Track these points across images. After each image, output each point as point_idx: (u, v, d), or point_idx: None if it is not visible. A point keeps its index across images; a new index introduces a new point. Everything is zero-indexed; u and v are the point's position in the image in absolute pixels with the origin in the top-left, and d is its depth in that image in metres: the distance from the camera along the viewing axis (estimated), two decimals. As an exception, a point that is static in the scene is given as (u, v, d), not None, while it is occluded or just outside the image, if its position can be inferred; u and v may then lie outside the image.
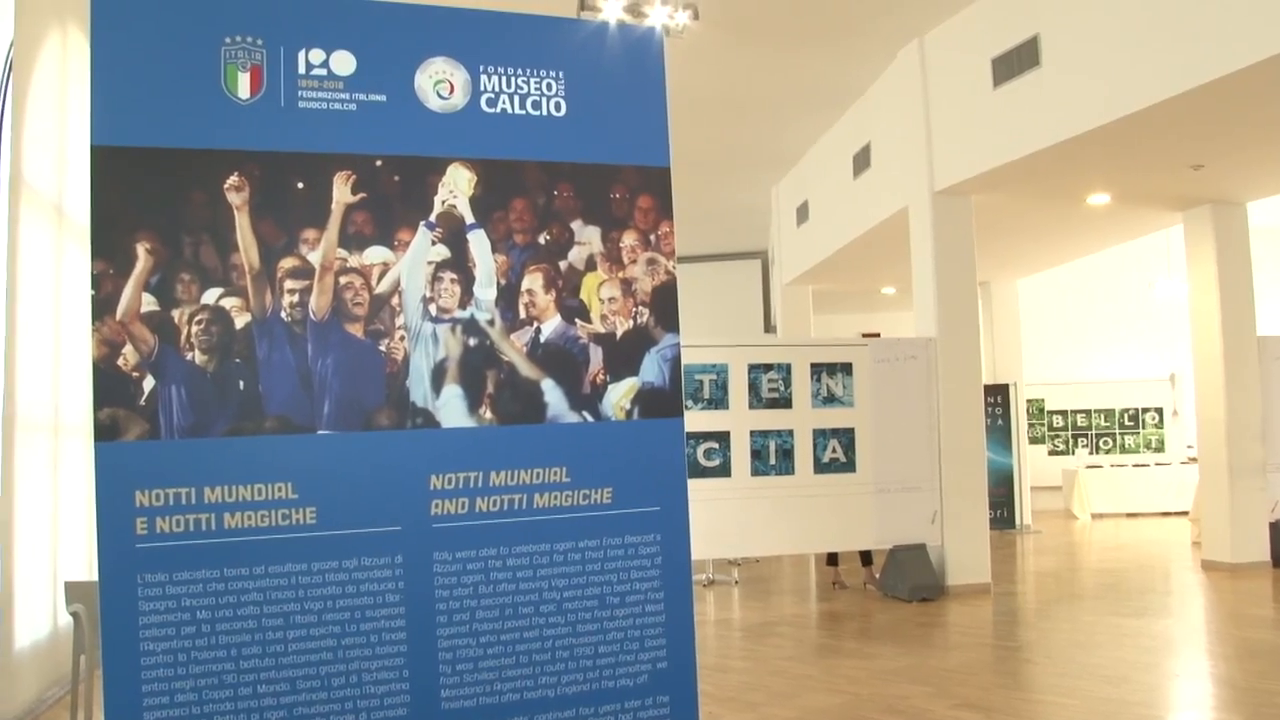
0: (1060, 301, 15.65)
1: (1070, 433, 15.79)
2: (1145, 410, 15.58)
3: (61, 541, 5.87)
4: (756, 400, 8.44)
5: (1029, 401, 14.78)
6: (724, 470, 8.29)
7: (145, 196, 2.79)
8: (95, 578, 5.79)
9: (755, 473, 8.35)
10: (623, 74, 3.27)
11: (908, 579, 8.39)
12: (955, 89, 8.57)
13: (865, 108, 10.30)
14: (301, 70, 2.94)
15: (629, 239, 3.23)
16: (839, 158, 11.11)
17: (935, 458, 8.64)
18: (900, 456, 8.58)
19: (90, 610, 5.11)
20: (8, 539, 5.12)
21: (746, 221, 15.16)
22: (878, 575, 8.94)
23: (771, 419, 8.45)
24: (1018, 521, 12.97)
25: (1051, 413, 15.78)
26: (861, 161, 10.51)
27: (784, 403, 8.49)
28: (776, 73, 9.42)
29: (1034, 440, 15.28)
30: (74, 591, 5.38)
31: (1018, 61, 7.71)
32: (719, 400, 8.38)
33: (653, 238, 3.26)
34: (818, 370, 8.59)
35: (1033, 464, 14.19)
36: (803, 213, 12.67)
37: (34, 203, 5.44)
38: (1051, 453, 15.65)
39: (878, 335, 13.23)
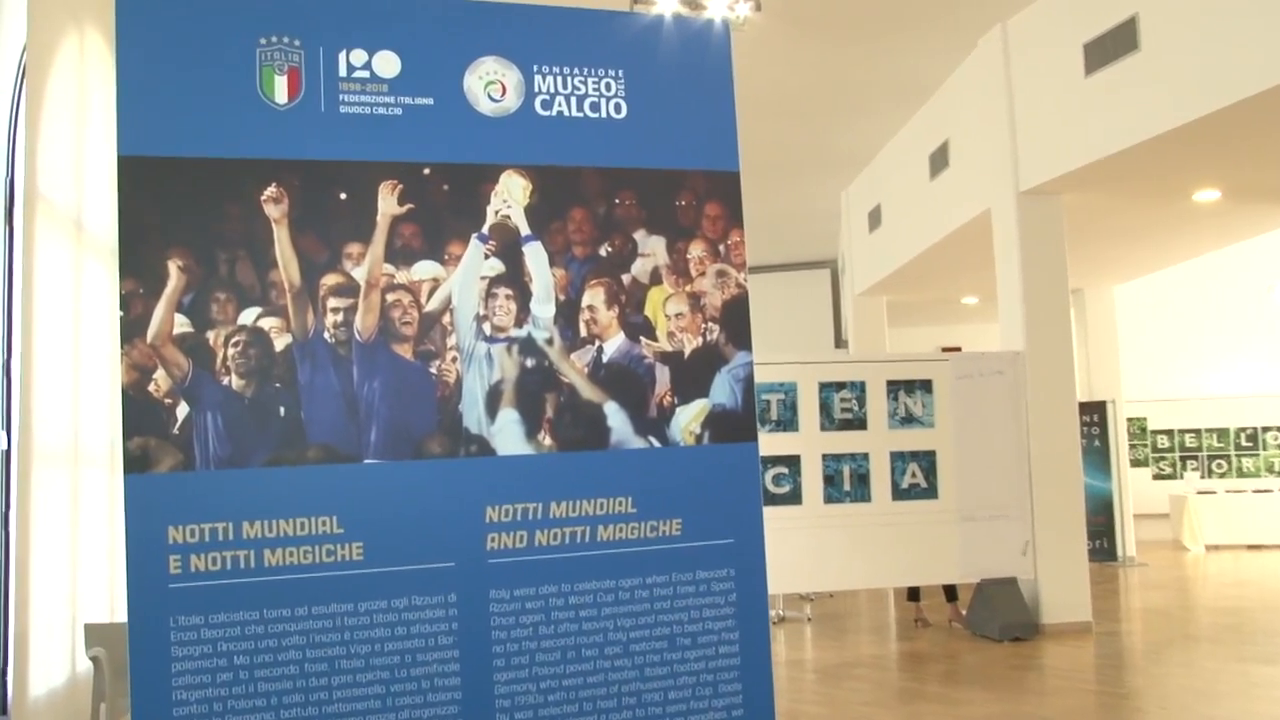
0: (1163, 310, 15.42)
1: (1178, 455, 15.53)
2: (1266, 429, 15.26)
3: (81, 580, 5.98)
4: (828, 421, 8.42)
5: (1129, 420, 14.58)
6: (794, 497, 8.27)
7: (177, 210, 2.85)
8: (117, 619, 5.88)
9: (828, 500, 8.32)
10: (687, 71, 3.30)
11: (998, 616, 8.30)
12: (1043, 78, 8.51)
13: (942, 102, 10.26)
14: (342, 72, 3.00)
15: (696, 250, 3.25)
16: (914, 157, 11.08)
17: (1026, 483, 8.55)
18: (987, 482, 8.51)
19: (112, 655, 5.19)
20: (24, 578, 5.22)
21: (814, 228, 15.16)
22: (964, 612, 8.86)
23: (845, 441, 8.42)
24: (1120, 553, 12.78)
25: (1155, 432, 15.54)
26: (939, 161, 10.47)
27: (858, 424, 8.46)
28: (845, 67, 9.42)
29: (1136, 463, 15.05)
30: (94, 635, 5.48)
31: (1113, 45, 7.65)
32: (788, 422, 8.38)
33: (722, 248, 3.28)
34: (894, 388, 8.55)
35: (1135, 489, 13.97)
36: (875, 218, 12.64)
37: (51, 217, 5.56)
38: (1157, 476, 15.41)
39: (959, 349, 13.14)
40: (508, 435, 3.02)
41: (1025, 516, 8.53)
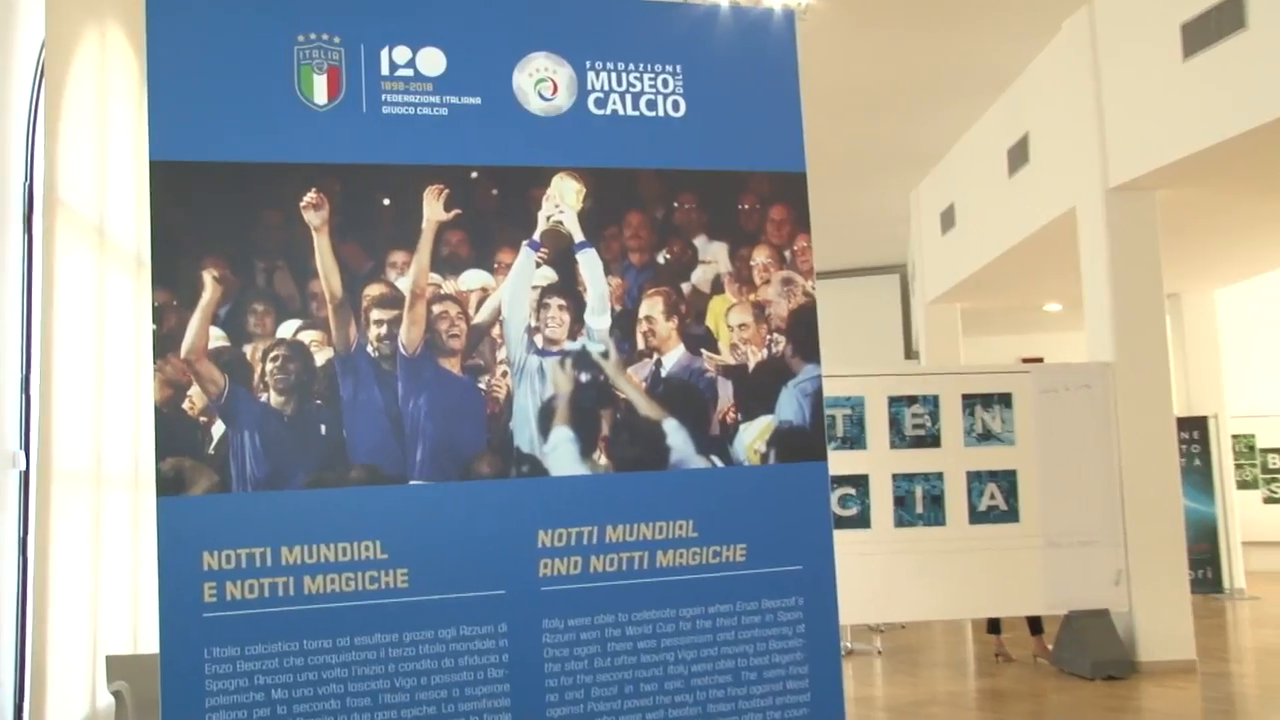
0: (1270, 316, 15.22)
1: (1291, 475, 15.30)
2: (1397, 448, 14.99)
3: (103, 609, 6.09)
4: (899, 438, 8.42)
5: (1235, 438, 14.39)
6: (862, 520, 8.27)
7: (211, 218, 2.94)
8: (141, 651, 5.98)
9: (899, 523, 8.32)
10: (749, 64, 3.36)
11: (1088, 652, 8.24)
12: (1134, 64, 8.47)
13: (1021, 93, 10.23)
14: (385, 71, 3.08)
15: (761, 256, 3.31)
16: (991, 153, 11.04)
17: (1117, 506, 8.49)
18: (1074, 504, 8.46)
19: (135, 689, 5.29)
20: (42, 606, 5.33)
21: (881, 231, 15.13)
22: (1050, 647, 8.80)
23: (917, 460, 8.41)
24: (1226, 584, 12.62)
25: (1266, 451, 15.31)
26: (1018, 156, 10.43)
27: (931, 441, 8.45)
28: (915, 56, 9.42)
29: (1243, 485, 14.83)
30: (117, 667, 5.58)
31: (1216, 25, 7.60)
32: (855, 439, 8.39)
33: (788, 254, 3.34)
34: (970, 402, 8.54)
35: (1243, 514, 13.79)
36: (948, 219, 12.60)
37: (72, 224, 5.68)
38: (1268, 500, 15.16)
39: (1041, 360, 13.06)
40: (561, 455, 3.09)
41: (1117, 543, 8.46)
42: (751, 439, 3.24)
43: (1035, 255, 10.89)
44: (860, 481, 8.32)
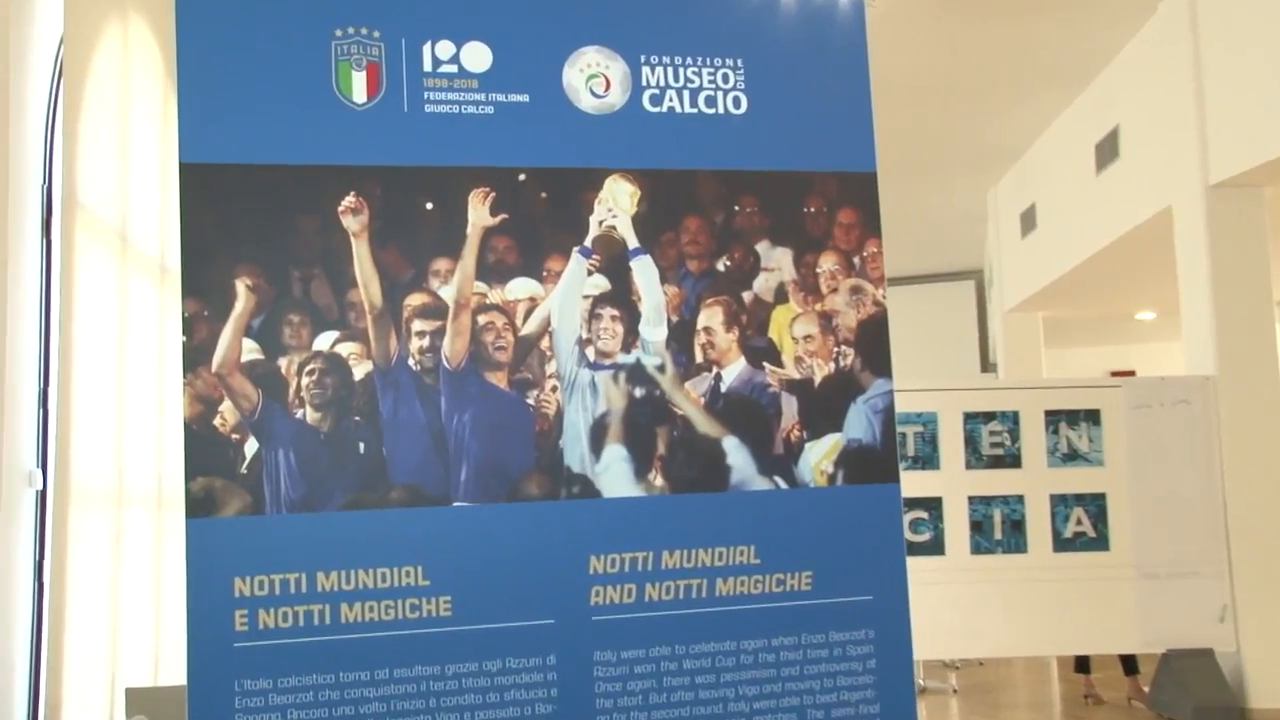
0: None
1: None
2: None
3: (123, 638, 6.19)
4: (975, 458, 8.40)
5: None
6: (935, 547, 8.26)
7: (245, 224, 3.01)
8: (162, 683, 6.08)
9: (976, 550, 8.29)
10: (815, 57, 3.41)
11: (1190, 696, 8.17)
12: (1239, 49, 8.41)
13: (1111, 82, 10.18)
14: (427, 67, 3.15)
15: (828, 263, 3.35)
16: (1076, 148, 10.99)
17: (1221, 533, 8.42)
18: (1171, 531, 8.39)
19: (157, 723, 5.38)
20: (58, 635, 5.43)
21: (956, 234, 15.07)
22: (1146, 689, 8.73)
23: (996, 481, 8.39)
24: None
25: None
26: (1107, 151, 10.38)
27: (1011, 461, 8.42)
28: (993, 45, 9.40)
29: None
30: (136, 700, 5.67)
31: (1325, 8, 7.55)
32: (927, 458, 8.39)
33: (857, 260, 3.37)
34: (1054, 419, 8.51)
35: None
36: (1029, 220, 12.55)
37: (92, 229, 5.79)
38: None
39: (1133, 373, 12.98)
40: (614, 475, 3.14)
41: (1222, 574, 8.39)
42: (818, 459, 3.27)
43: (1126, 259, 10.82)
44: (933, 505, 8.32)
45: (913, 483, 8.23)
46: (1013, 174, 12.93)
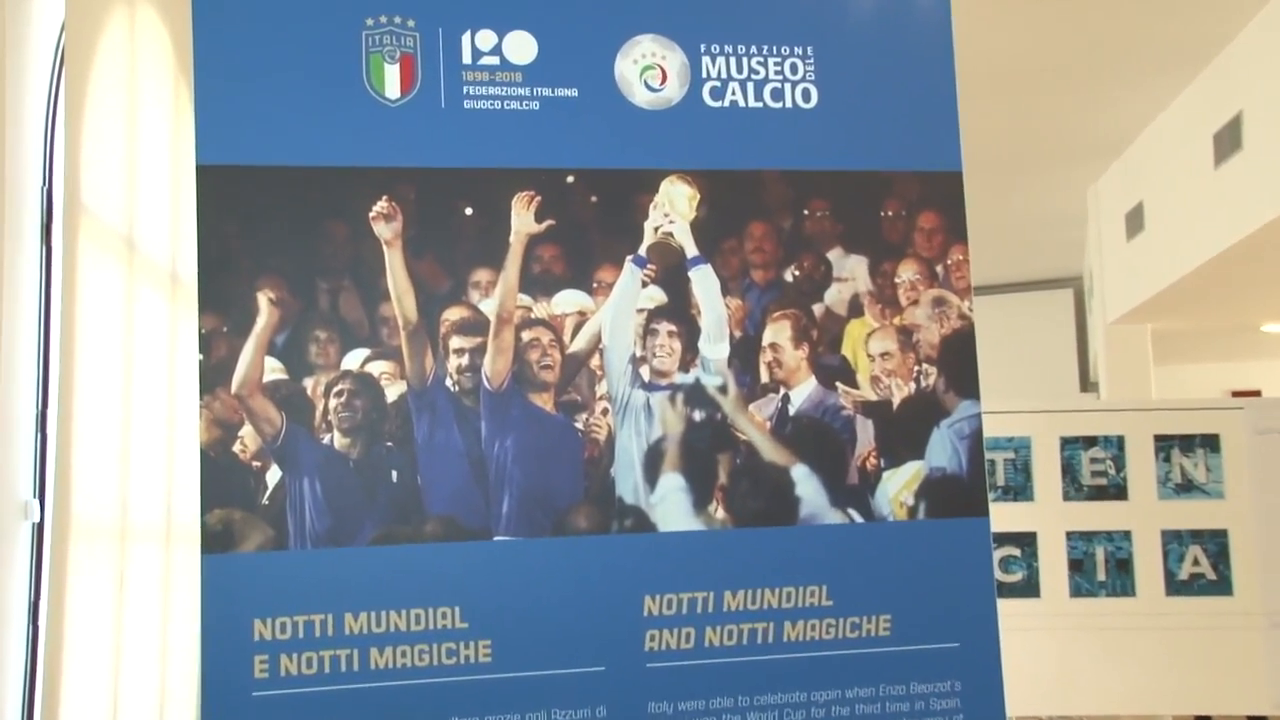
0: None
1: None
2: None
3: (125, 687, 6.28)
4: (1074, 488, 8.36)
5: None
6: (1029, 588, 8.21)
7: (268, 231, 3.08)
8: (171, 736, 6.16)
9: (1076, 593, 8.24)
10: (894, 45, 3.44)
11: (1320, 760, 8.10)
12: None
13: (1231, 65, 10.12)
14: (467, 59, 3.21)
15: (907, 272, 3.38)
16: (1191, 139, 10.93)
17: (1356, 576, 8.35)
18: (1301, 574, 8.33)
19: (164, 781, 5.46)
20: (54, 682, 5.50)
21: (1052, 237, 14.99)
22: (1271, 753, 8.66)
23: (1098, 515, 8.33)
24: None
25: None
26: (1228, 142, 10.32)
27: (1115, 492, 8.36)
28: (1094, 27, 9.37)
29: None
30: (142, 755, 5.76)
31: None
32: (1019, 488, 8.35)
33: (940, 269, 3.41)
34: (1165, 445, 8.44)
35: None
36: (1135, 220, 12.48)
37: (96, 234, 5.88)
38: None
39: (1258, 394, 12.87)
40: (671, 506, 3.18)
41: (1357, 622, 8.32)
42: (897, 489, 3.30)
43: (1250, 263, 10.75)
44: (1027, 540, 8.29)
45: (1003, 516, 8.21)
46: (1117, 169, 12.87)
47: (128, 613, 6.27)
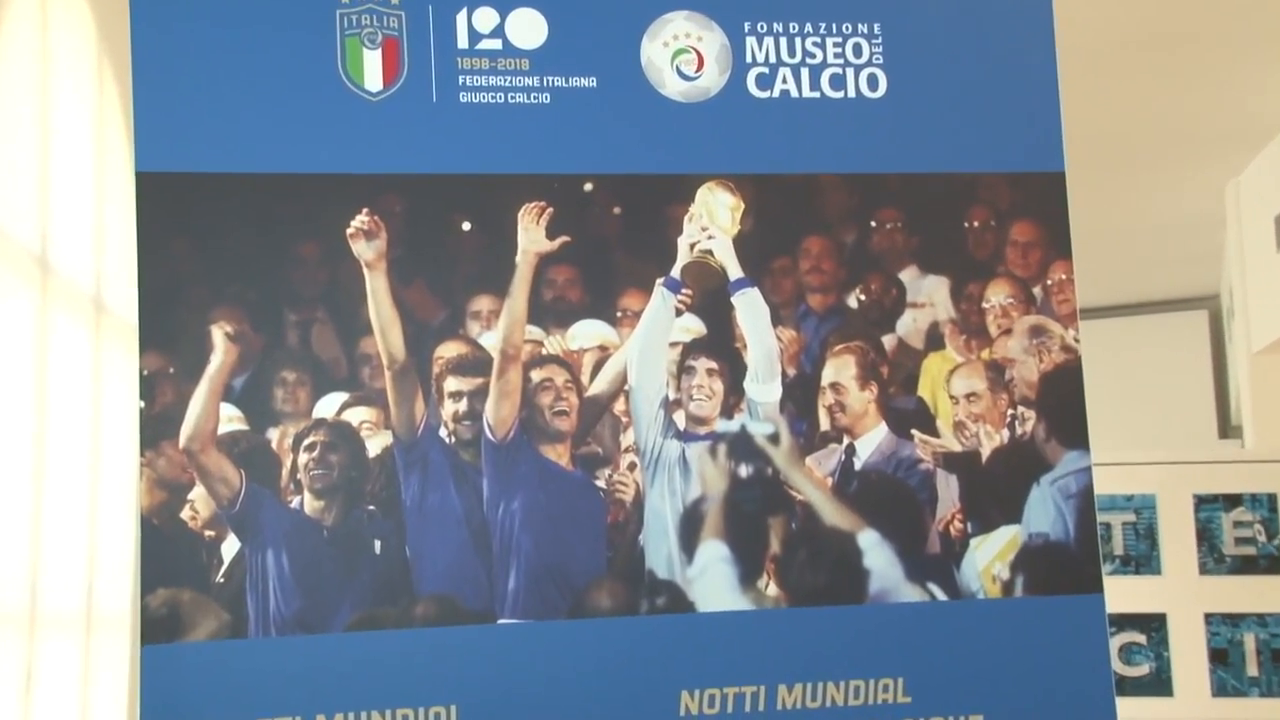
0: None
1: None
2: None
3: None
4: (1214, 559, 8.37)
5: None
6: (1159, 685, 8.23)
7: (224, 252, 3.15)
8: None
9: (1220, 690, 8.25)
10: (979, 20, 3.50)
11: None
12: None
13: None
14: (463, 43, 3.29)
15: (998, 295, 3.43)
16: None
17: None
18: None
19: None
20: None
21: (1179, 247, 14.94)
22: None
23: (1245, 593, 8.34)
24: None
25: None
26: (1399, 122, 10.34)
27: (1268, 564, 8.36)
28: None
29: None
30: None
31: None
32: (1143, 559, 8.38)
33: (1038, 290, 3.45)
34: (1329, 505, 8.46)
35: None
36: (1288, 223, 12.48)
37: (8, 259, 5.95)
38: None
39: None
40: (713, 581, 3.22)
41: None
42: (987, 560, 3.35)
43: None
44: (1154, 624, 8.31)
45: (1123, 593, 8.21)
46: (1262, 162, 12.86)
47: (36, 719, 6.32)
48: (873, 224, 3.41)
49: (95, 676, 6.16)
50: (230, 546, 3.10)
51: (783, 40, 3.40)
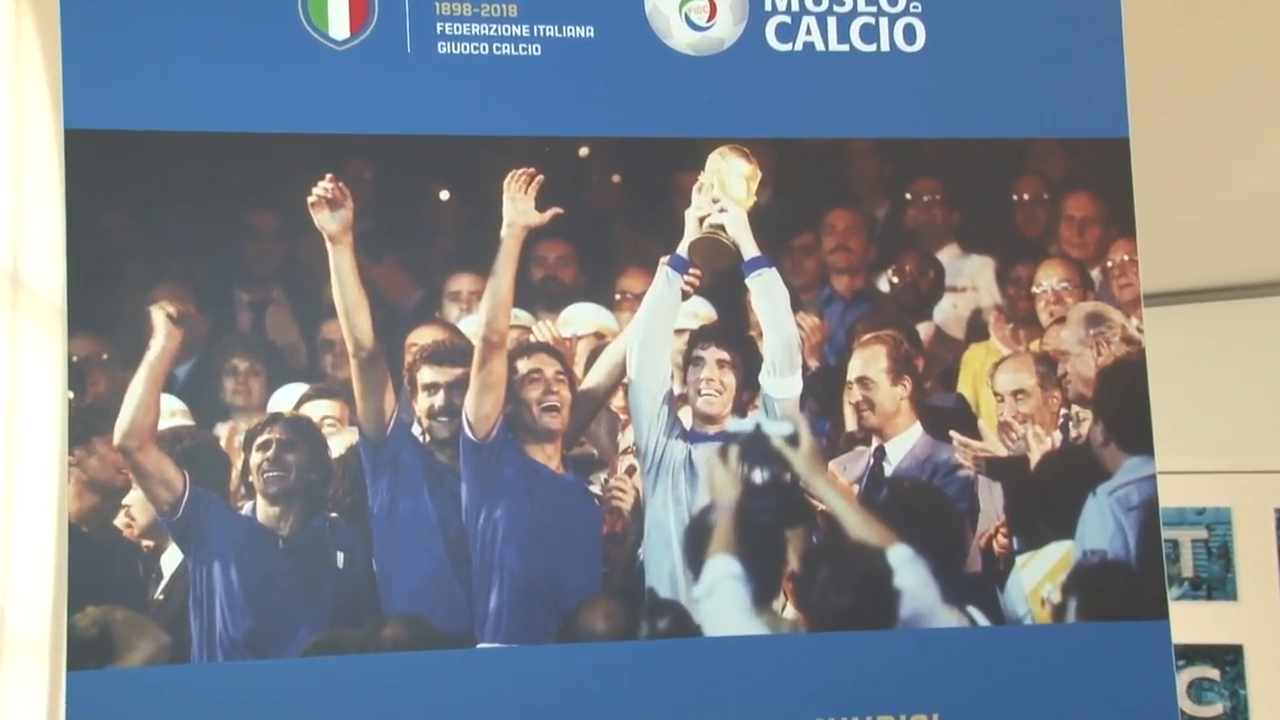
0: None
1: None
2: None
3: None
4: (1302, 584, 8.40)
5: None
6: (1234, 730, 8.27)
7: (167, 222, 3.17)
8: None
9: (1307, 736, 8.30)
10: (1031, -37, 3.51)
11: None
12: None
13: None
14: (441, -14, 3.31)
15: (1051, 278, 3.47)
16: None
17: None
18: None
19: None
20: None
21: (1259, 221, 14.91)
22: None
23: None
24: None
25: None
26: None
27: (1360, 589, 8.41)
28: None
29: None
30: None
31: None
32: (1216, 582, 8.41)
33: (1097, 273, 3.50)
34: None
35: None
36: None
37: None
38: None
39: None
40: (722, 602, 3.24)
41: None
42: (1036, 581, 3.37)
43: None
44: (1229, 657, 8.35)
45: (1194, 621, 8.24)
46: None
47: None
48: (908, 196, 3.44)
49: (6, 709, 6.20)
50: (171, 558, 3.12)
51: (808, -15, 3.44)
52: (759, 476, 3.30)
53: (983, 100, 3.46)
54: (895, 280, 3.44)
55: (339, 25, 3.26)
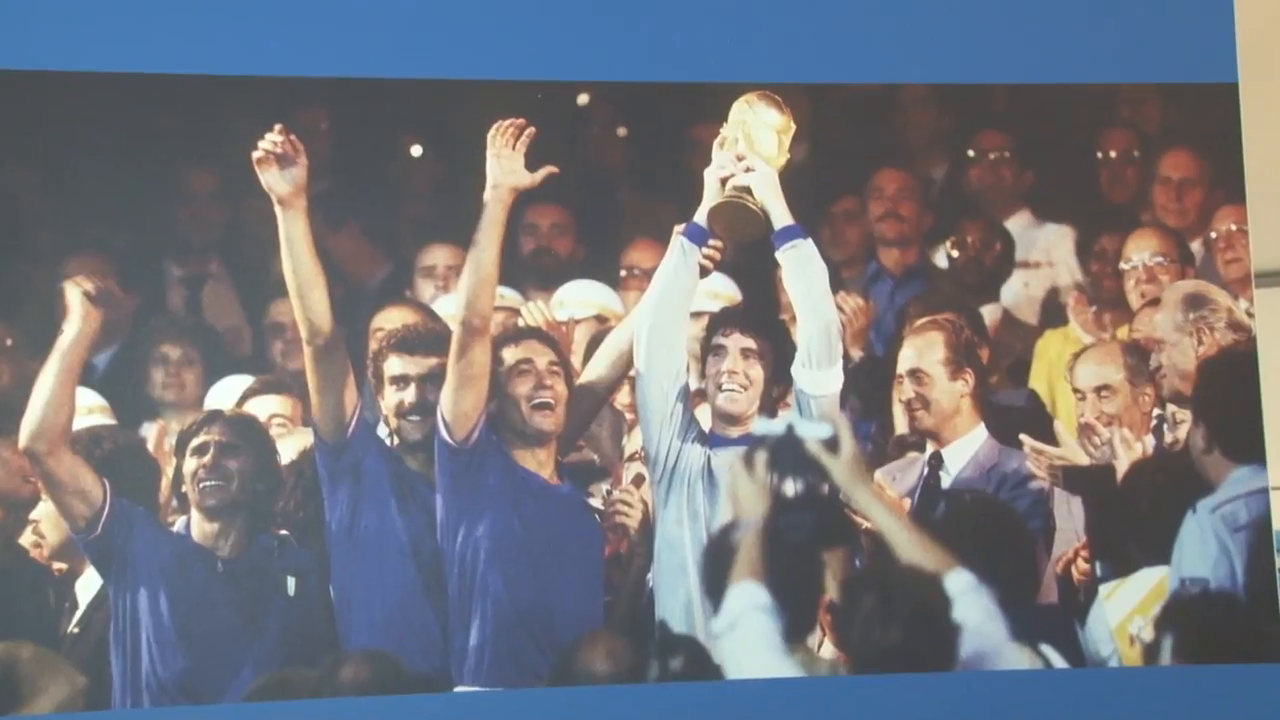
0: None
1: None
2: None
3: None
4: None
5: None
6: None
7: (83, 181, 3.20)
8: None
9: None
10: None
11: None
12: None
13: None
14: (407, -101, 3.32)
15: (1143, 251, 3.47)
16: None
17: None
18: None
19: None
20: None
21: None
22: None
23: None
24: None
25: None
26: None
27: None
28: None
29: None
30: None
31: None
32: (1349, 622, 8.37)
33: (1198, 246, 3.50)
34: None
35: None
36: None
37: None
38: None
39: None
40: (747, 637, 3.19)
41: None
42: (1124, 614, 3.37)
43: None
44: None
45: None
46: None
47: None
48: (970, 153, 3.46)
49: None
50: (88, 584, 3.15)
51: (849, -98, 3.45)
52: (791, 488, 3.22)
53: (1060, 39, 3.45)
54: (955, 254, 3.45)
55: (289, -54, 3.29)
